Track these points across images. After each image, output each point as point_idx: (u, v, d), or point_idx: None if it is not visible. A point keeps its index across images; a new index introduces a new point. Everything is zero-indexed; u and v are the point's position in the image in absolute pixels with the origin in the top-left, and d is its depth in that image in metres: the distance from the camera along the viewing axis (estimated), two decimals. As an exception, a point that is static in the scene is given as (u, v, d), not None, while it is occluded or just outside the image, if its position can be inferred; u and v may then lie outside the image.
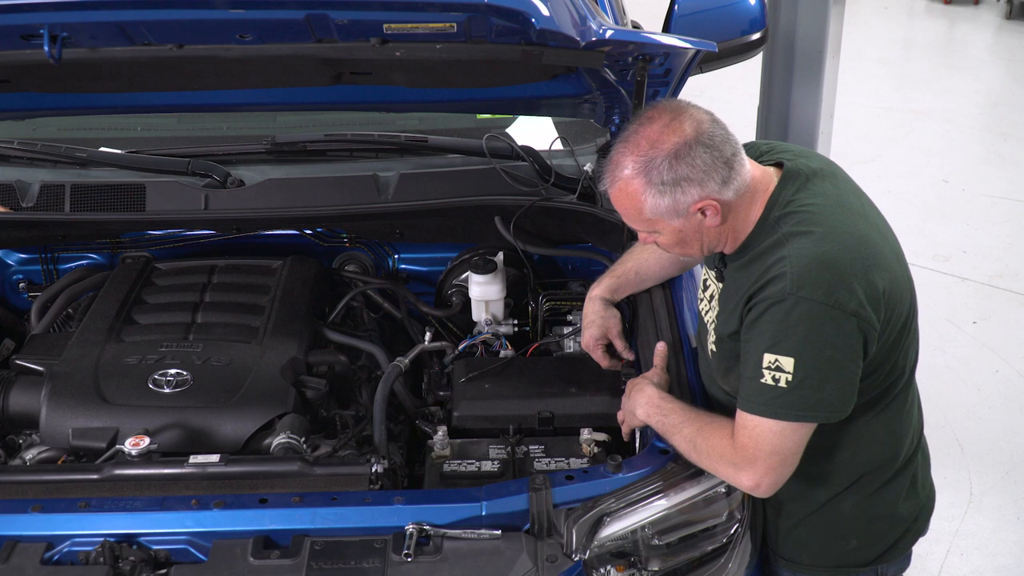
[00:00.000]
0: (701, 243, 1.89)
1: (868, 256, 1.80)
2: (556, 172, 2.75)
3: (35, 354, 2.36)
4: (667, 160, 1.76)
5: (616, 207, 1.88)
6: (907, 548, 2.13)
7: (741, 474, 1.83)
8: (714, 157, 1.77)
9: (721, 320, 1.95)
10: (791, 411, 1.77)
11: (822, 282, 1.74)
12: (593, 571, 1.84)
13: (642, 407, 2.01)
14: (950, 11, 9.92)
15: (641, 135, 1.79)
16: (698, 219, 1.82)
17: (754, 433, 1.80)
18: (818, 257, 1.76)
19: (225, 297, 2.57)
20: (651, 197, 1.78)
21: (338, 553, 1.78)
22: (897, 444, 2.02)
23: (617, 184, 1.82)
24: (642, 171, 1.77)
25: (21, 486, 1.95)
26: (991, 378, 4.37)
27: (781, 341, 1.75)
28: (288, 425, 2.12)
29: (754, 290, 1.81)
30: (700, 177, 1.76)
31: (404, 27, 2.01)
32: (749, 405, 1.81)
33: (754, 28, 2.91)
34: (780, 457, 1.81)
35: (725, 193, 1.79)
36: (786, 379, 1.75)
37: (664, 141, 1.76)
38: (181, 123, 3.23)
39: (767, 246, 1.83)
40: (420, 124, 3.09)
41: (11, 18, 1.93)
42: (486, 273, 2.54)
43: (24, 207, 2.73)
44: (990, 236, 5.57)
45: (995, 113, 7.42)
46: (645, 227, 1.87)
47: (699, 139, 1.76)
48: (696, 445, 1.89)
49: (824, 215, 1.82)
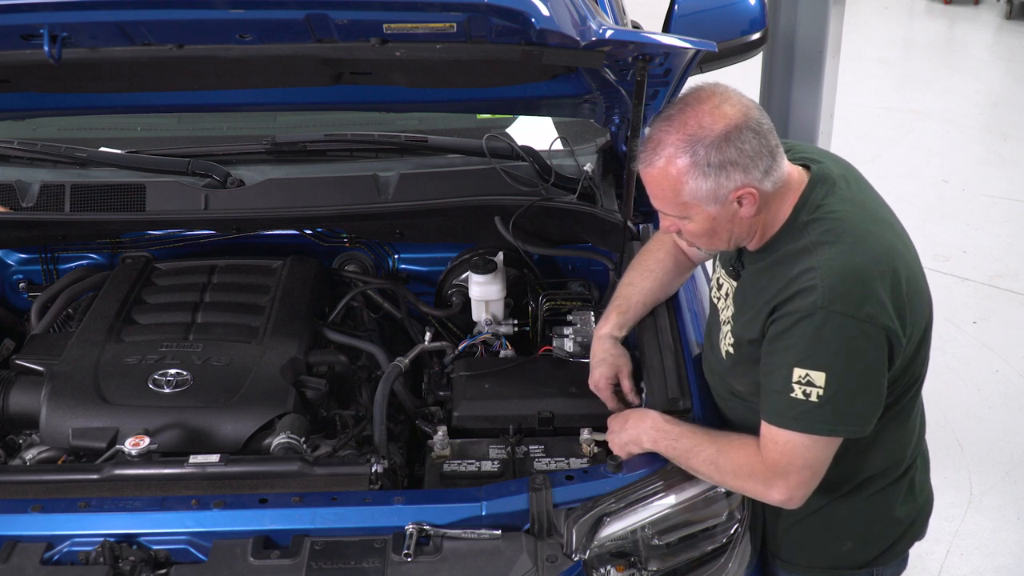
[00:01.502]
0: (731, 235, 1.84)
1: (895, 267, 1.78)
2: (556, 172, 2.75)
3: (35, 354, 2.36)
4: (716, 142, 1.71)
5: (650, 188, 1.82)
6: (903, 551, 2.12)
7: (772, 489, 1.81)
8: (761, 144, 1.74)
9: (740, 324, 1.92)
10: (823, 425, 1.76)
11: (853, 296, 1.71)
12: (593, 571, 1.84)
13: (648, 434, 1.95)
14: (950, 11, 9.92)
15: (688, 115, 1.74)
16: (734, 208, 1.77)
17: (786, 448, 1.78)
18: (848, 270, 1.73)
19: (225, 297, 2.57)
20: (693, 179, 1.73)
21: (338, 553, 1.78)
22: (902, 451, 2.02)
23: (657, 163, 1.76)
24: (688, 151, 1.72)
25: (21, 486, 1.95)
26: (991, 378, 4.37)
27: (811, 355, 1.73)
28: (288, 425, 2.12)
29: (780, 300, 1.78)
30: (746, 163, 1.73)
31: (404, 27, 2.00)
32: (779, 419, 1.78)
33: (754, 28, 2.91)
34: (812, 471, 1.80)
35: (765, 183, 1.76)
36: (817, 393, 1.73)
37: (714, 123, 1.72)
38: (181, 123, 3.23)
39: (793, 251, 1.80)
40: (420, 124, 3.09)
41: (11, 18, 1.93)
42: (486, 273, 2.54)
43: (24, 207, 2.73)
44: (990, 236, 5.57)
45: (995, 113, 7.42)
46: (677, 211, 1.81)
47: (748, 124, 1.73)
48: (719, 465, 1.86)
49: (852, 224, 1.80)
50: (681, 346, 2.20)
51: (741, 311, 1.92)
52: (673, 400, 2.06)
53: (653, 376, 2.12)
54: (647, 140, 1.79)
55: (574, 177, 2.75)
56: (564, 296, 2.61)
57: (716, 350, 2.05)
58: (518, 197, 2.65)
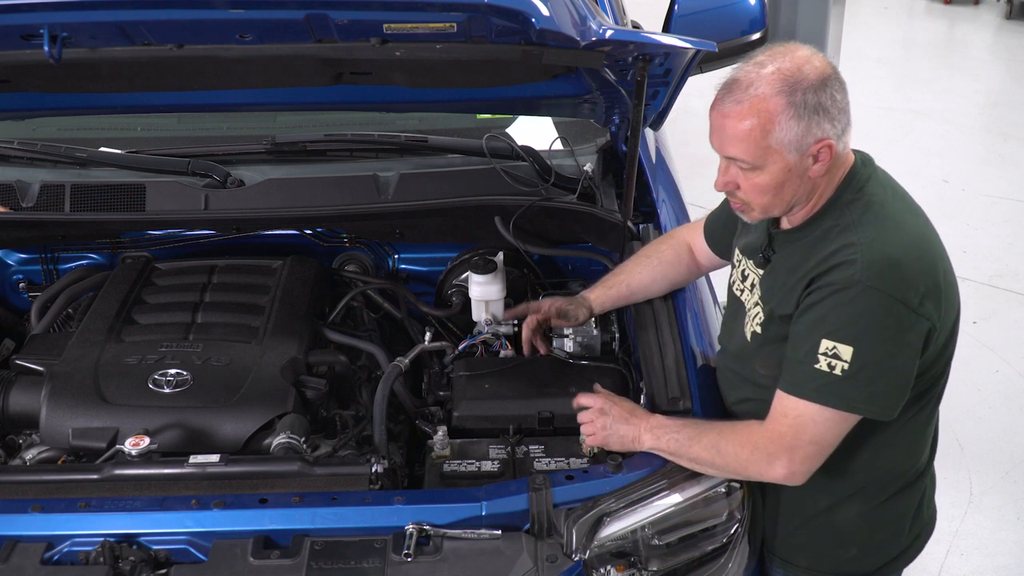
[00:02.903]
0: (794, 194, 1.81)
1: (932, 255, 1.80)
2: (556, 172, 2.75)
3: (35, 354, 2.36)
4: (813, 86, 1.73)
5: (729, 130, 1.77)
6: (902, 567, 2.11)
7: (776, 463, 1.79)
8: (845, 101, 1.77)
9: (774, 301, 1.89)
10: (842, 400, 1.74)
11: (892, 276, 1.72)
12: (593, 571, 1.84)
13: (649, 433, 1.94)
14: (950, 11, 9.92)
15: (783, 59, 1.75)
16: (808, 163, 1.77)
17: (796, 421, 1.77)
18: (889, 251, 1.74)
19: (225, 297, 2.57)
20: (786, 119, 1.72)
21: (338, 553, 1.78)
22: (915, 456, 2.01)
23: (749, 101, 1.73)
24: (785, 90, 1.72)
25: (21, 486, 1.95)
26: (991, 378, 4.37)
27: (842, 328, 1.72)
28: (288, 425, 2.12)
29: (818, 272, 1.78)
30: (834, 114, 1.75)
31: (404, 27, 2.00)
32: (799, 389, 1.77)
33: (754, 28, 2.91)
34: (818, 447, 1.79)
35: (839, 144, 1.78)
36: (842, 367, 1.72)
37: (811, 69, 1.74)
38: (181, 123, 3.23)
39: (834, 228, 1.81)
40: (420, 124, 3.09)
41: (11, 18, 1.93)
42: (486, 273, 2.54)
43: (24, 207, 2.73)
44: (990, 236, 5.56)
45: (995, 113, 7.42)
46: (755, 157, 1.77)
47: (837, 78, 1.76)
48: (720, 448, 1.85)
49: (893, 209, 1.82)
50: (681, 346, 2.20)
51: (773, 291, 1.91)
52: (673, 400, 2.06)
53: (653, 376, 2.12)
54: (730, 82, 1.78)
55: (574, 177, 2.75)
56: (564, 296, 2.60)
57: (738, 336, 2.03)
58: (518, 197, 2.65)
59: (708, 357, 2.26)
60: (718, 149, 1.82)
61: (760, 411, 1.92)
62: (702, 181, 4.72)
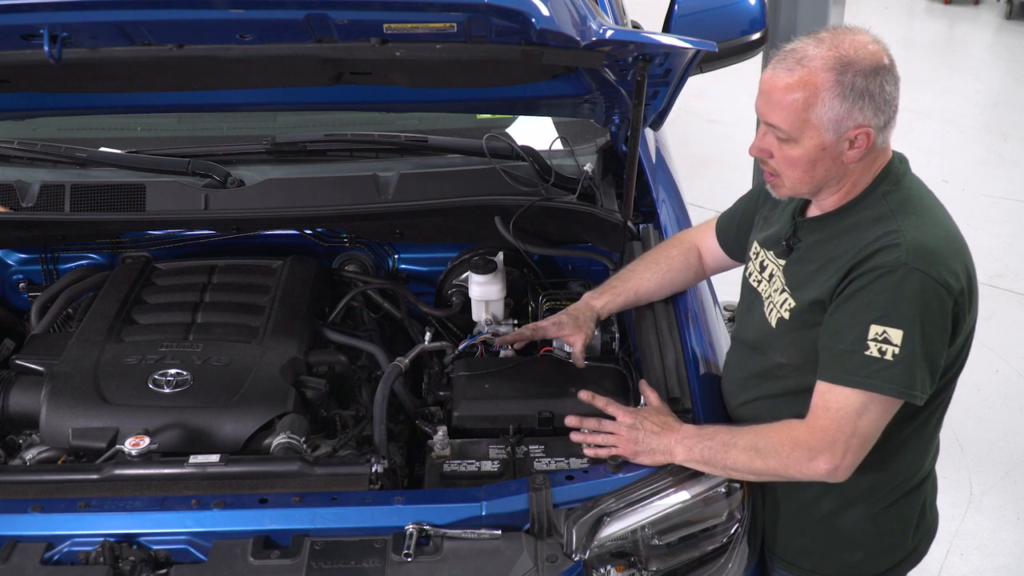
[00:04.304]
0: (826, 175, 1.82)
1: (965, 255, 1.82)
2: (556, 172, 2.75)
3: (35, 354, 2.36)
4: (865, 71, 1.74)
5: (773, 96, 1.78)
6: (907, 570, 2.11)
7: (818, 459, 1.77)
8: (895, 95, 1.79)
9: (805, 287, 1.88)
10: (893, 386, 1.73)
11: (934, 260, 1.74)
12: (593, 571, 1.84)
13: (680, 445, 1.89)
14: (950, 11, 9.92)
15: (844, 39, 1.76)
16: (844, 147, 1.78)
17: (839, 414, 1.76)
18: (929, 238, 1.77)
19: (225, 297, 2.56)
20: (831, 97, 1.74)
21: (338, 553, 1.78)
22: (921, 459, 2.01)
23: (800, 71, 1.75)
24: (837, 68, 1.74)
25: (21, 486, 1.95)
26: (991, 378, 4.37)
27: (891, 312, 1.72)
28: (288, 425, 2.11)
29: (859, 259, 1.77)
30: (880, 103, 1.76)
31: (404, 27, 2.00)
32: (849, 378, 1.75)
33: (754, 28, 2.91)
34: (861, 440, 1.77)
35: (879, 136, 1.79)
36: (893, 352, 1.72)
37: (867, 54, 1.75)
38: (181, 123, 3.23)
39: (871, 217, 1.82)
40: (420, 124, 3.09)
41: (11, 18, 1.93)
42: (486, 273, 2.54)
43: (24, 207, 2.73)
44: (990, 236, 5.56)
45: (995, 113, 7.42)
46: (792, 128, 1.77)
47: (893, 71, 1.78)
48: (759, 448, 1.82)
49: (928, 204, 1.85)
50: (681, 346, 2.20)
51: (802, 277, 1.90)
52: (673, 400, 2.06)
53: (653, 376, 2.12)
54: (787, 51, 1.79)
55: (574, 177, 2.75)
56: (564, 296, 2.60)
57: (756, 325, 2.00)
58: (518, 197, 2.65)
59: (709, 358, 2.26)
60: (760, 113, 1.83)
61: (769, 411, 1.92)
62: (702, 181, 4.74)
